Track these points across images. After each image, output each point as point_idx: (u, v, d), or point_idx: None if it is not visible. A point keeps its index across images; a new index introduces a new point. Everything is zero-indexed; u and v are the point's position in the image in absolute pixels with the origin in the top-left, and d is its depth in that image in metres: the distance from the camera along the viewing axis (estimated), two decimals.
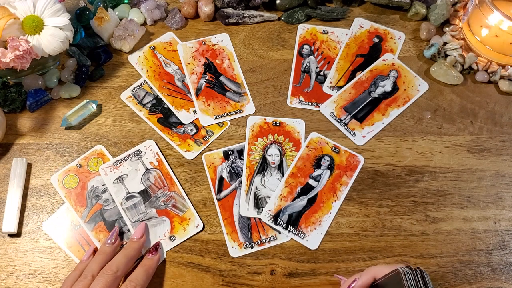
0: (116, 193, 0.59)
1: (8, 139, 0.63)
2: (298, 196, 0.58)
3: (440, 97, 0.65)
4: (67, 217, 0.57)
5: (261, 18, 0.72)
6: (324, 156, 0.61)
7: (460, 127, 0.63)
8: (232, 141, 0.63)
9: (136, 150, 0.62)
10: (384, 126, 0.63)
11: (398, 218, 0.57)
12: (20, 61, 0.58)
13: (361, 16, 0.73)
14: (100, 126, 0.64)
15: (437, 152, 0.61)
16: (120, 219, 0.57)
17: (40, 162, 0.61)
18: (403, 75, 0.67)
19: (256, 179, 0.60)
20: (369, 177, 0.60)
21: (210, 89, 0.67)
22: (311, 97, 0.66)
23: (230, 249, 0.56)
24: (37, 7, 0.60)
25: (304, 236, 0.56)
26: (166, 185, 0.59)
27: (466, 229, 0.56)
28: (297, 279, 0.54)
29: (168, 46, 0.70)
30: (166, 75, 0.68)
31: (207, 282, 0.54)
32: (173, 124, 0.64)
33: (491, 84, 0.66)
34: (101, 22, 0.67)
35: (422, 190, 0.59)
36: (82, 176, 0.60)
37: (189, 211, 0.58)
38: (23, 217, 0.58)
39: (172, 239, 0.56)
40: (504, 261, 0.54)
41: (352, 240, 0.56)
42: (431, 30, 0.69)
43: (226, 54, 0.70)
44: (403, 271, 0.40)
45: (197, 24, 0.73)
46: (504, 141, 0.62)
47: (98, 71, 0.67)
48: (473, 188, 0.59)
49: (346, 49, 0.70)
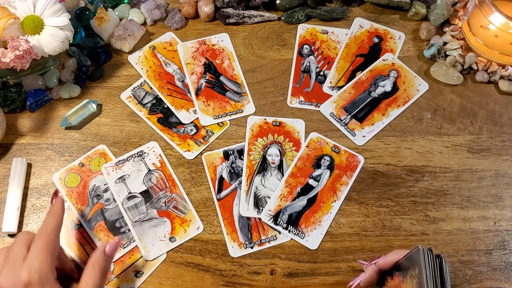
0: (118, 193, 0.59)
1: (8, 139, 0.63)
2: (298, 196, 0.59)
3: (440, 97, 0.65)
4: (67, 216, 0.58)
5: (261, 18, 0.72)
6: (324, 156, 0.61)
7: (460, 127, 0.63)
8: (232, 141, 0.63)
9: (139, 151, 0.62)
10: (384, 126, 0.63)
11: (398, 218, 0.57)
12: (20, 61, 0.58)
13: (361, 16, 0.73)
14: (100, 126, 0.64)
15: (437, 152, 0.61)
16: (121, 219, 0.57)
17: (40, 162, 0.61)
18: (403, 75, 0.67)
19: (256, 179, 0.60)
20: (369, 177, 0.60)
21: (210, 89, 0.67)
22: (311, 97, 0.66)
23: (230, 249, 0.56)
24: (37, 7, 0.60)
25: (304, 236, 0.56)
26: (168, 186, 0.59)
27: (466, 229, 0.56)
28: (297, 279, 0.54)
29: (168, 46, 0.70)
30: (166, 75, 0.68)
31: (207, 282, 0.54)
32: (173, 124, 0.64)
33: (491, 84, 0.66)
34: (101, 22, 0.67)
35: (422, 190, 0.59)
36: (84, 175, 0.60)
37: (190, 213, 0.58)
38: (23, 217, 0.58)
39: (172, 240, 0.56)
40: (504, 261, 0.54)
41: (352, 240, 0.56)
42: (431, 30, 0.69)
43: (226, 54, 0.70)
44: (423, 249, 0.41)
45: (197, 24, 0.73)
46: (504, 141, 0.62)
47: (98, 71, 0.67)
48: (473, 188, 0.59)
49: (346, 49, 0.70)
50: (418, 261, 0.42)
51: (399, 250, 0.47)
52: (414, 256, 0.43)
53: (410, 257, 0.44)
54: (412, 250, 0.44)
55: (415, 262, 0.42)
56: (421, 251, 0.42)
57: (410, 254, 0.44)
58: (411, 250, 0.44)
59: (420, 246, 0.42)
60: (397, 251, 0.47)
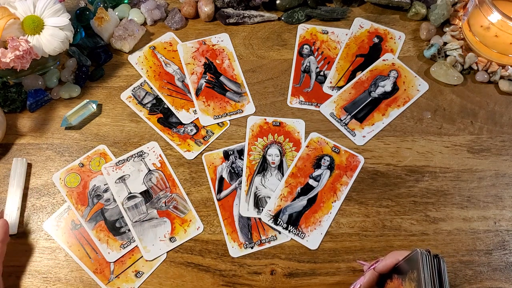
0: (118, 193, 0.59)
1: (8, 139, 0.63)
2: (298, 196, 0.59)
3: (440, 97, 0.65)
4: (68, 216, 0.58)
5: (261, 18, 0.72)
6: (324, 156, 0.61)
7: (460, 127, 0.63)
8: (232, 141, 0.63)
9: (139, 151, 0.62)
10: (384, 126, 0.63)
11: (398, 218, 0.57)
12: (20, 61, 0.58)
13: (361, 16, 0.73)
14: (100, 126, 0.64)
15: (437, 152, 0.61)
16: (121, 219, 0.57)
17: (40, 162, 0.61)
18: (403, 75, 0.67)
19: (256, 179, 0.60)
20: (369, 177, 0.60)
21: (210, 89, 0.67)
22: (311, 97, 0.66)
23: (230, 249, 0.56)
24: (37, 7, 0.60)
25: (304, 236, 0.56)
26: (168, 186, 0.59)
27: (466, 229, 0.56)
28: (297, 279, 0.54)
29: (168, 46, 0.70)
30: (166, 75, 0.68)
31: (207, 282, 0.54)
32: (173, 124, 0.64)
33: (491, 84, 0.66)
34: (101, 22, 0.67)
35: (422, 190, 0.59)
36: (84, 175, 0.60)
37: (190, 213, 0.58)
38: (23, 217, 0.58)
39: (172, 240, 0.56)
40: (504, 261, 0.54)
41: (352, 240, 0.56)
42: (431, 30, 0.69)
43: (226, 54, 0.70)
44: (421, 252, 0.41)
45: (197, 24, 0.73)
46: (504, 141, 0.62)
47: (98, 71, 0.67)
48: (473, 188, 0.59)
49: (346, 49, 0.70)
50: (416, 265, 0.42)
51: (396, 252, 0.47)
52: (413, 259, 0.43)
53: (408, 260, 0.44)
54: (410, 253, 0.44)
55: (414, 265, 0.42)
56: (419, 255, 0.42)
57: (408, 257, 0.44)
58: (410, 253, 0.44)
59: (418, 250, 0.42)
60: (395, 253, 0.47)
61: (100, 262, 0.55)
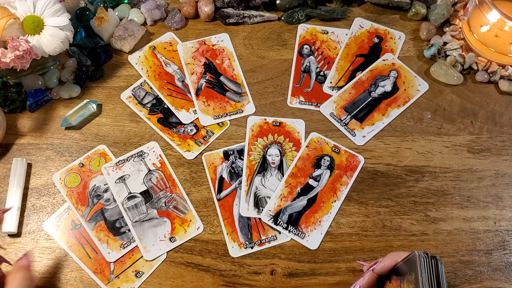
0: (118, 193, 0.59)
1: (8, 139, 0.63)
2: (298, 196, 0.59)
3: (440, 97, 0.65)
4: (68, 216, 0.58)
5: (261, 18, 0.72)
6: (324, 156, 0.61)
7: (460, 127, 0.63)
8: (232, 141, 0.63)
9: (139, 151, 0.62)
10: (384, 126, 0.63)
11: (398, 218, 0.57)
12: (20, 61, 0.58)
13: (361, 16, 0.73)
14: (100, 126, 0.64)
15: (437, 152, 0.61)
16: (121, 219, 0.57)
17: (40, 162, 0.61)
18: (403, 75, 0.67)
19: (256, 179, 0.60)
20: (369, 177, 0.60)
21: (210, 89, 0.67)
22: (311, 97, 0.66)
23: (230, 249, 0.56)
24: (37, 7, 0.60)
25: (304, 236, 0.56)
26: (168, 186, 0.59)
27: (466, 229, 0.56)
28: (297, 279, 0.54)
29: (168, 46, 0.70)
30: (166, 75, 0.68)
31: (207, 282, 0.54)
32: (173, 124, 0.64)
33: (491, 84, 0.66)
34: (101, 22, 0.67)
35: (422, 190, 0.59)
36: (84, 175, 0.60)
37: (190, 213, 0.58)
38: (23, 217, 0.58)
39: (172, 240, 0.56)
40: (504, 261, 0.54)
41: (352, 240, 0.56)
42: (431, 30, 0.69)
43: (226, 54, 0.70)
44: (419, 254, 0.42)
45: (197, 24, 0.73)
46: (504, 141, 0.62)
47: (98, 71, 0.67)
48: (473, 188, 0.59)
49: (346, 49, 0.70)
50: (414, 267, 0.42)
51: (395, 253, 0.47)
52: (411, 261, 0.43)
53: (407, 262, 0.44)
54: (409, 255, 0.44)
55: (412, 267, 0.42)
56: (416, 257, 0.42)
57: (406, 259, 0.44)
58: (408, 254, 0.44)
59: (416, 252, 0.42)
60: (394, 254, 0.47)
61: (100, 262, 0.55)
